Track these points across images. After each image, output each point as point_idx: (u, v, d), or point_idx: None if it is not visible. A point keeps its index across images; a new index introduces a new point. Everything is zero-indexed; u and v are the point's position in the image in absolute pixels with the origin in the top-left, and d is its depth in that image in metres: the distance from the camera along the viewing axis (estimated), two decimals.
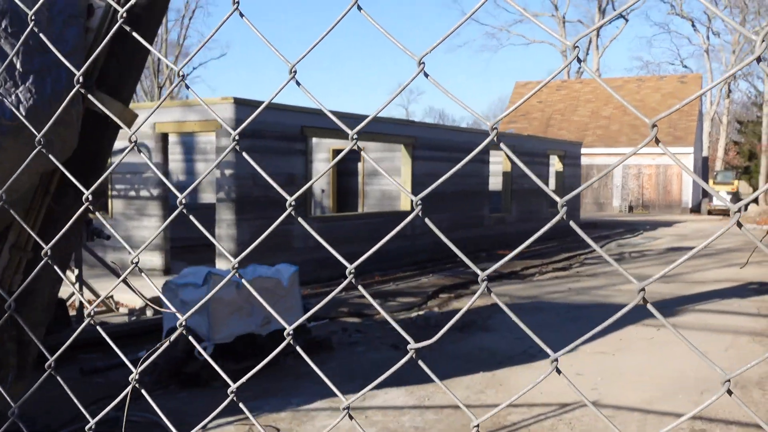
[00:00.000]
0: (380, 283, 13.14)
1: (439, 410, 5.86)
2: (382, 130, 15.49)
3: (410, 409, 5.87)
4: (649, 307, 0.99)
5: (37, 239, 2.28)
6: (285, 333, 1.36)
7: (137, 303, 9.89)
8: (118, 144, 13.31)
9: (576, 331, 9.03)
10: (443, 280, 13.75)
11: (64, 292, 10.29)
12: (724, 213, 36.80)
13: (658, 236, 24.36)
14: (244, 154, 1.46)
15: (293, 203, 1.38)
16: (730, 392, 1.05)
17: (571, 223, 1.11)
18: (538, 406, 6.05)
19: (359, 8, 1.17)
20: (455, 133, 18.47)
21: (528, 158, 21.73)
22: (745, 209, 0.89)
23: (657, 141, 1.02)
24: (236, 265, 1.46)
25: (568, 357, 7.69)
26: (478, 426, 1.29)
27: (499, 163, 22.09)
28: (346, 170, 19.80)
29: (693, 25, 56.61)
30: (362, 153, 1.36)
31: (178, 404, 6.12)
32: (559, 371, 1.18)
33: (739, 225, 0.98)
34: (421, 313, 10.19)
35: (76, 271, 8.62)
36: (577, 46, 1.07)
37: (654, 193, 39.37)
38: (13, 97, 4.94)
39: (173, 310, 2.13)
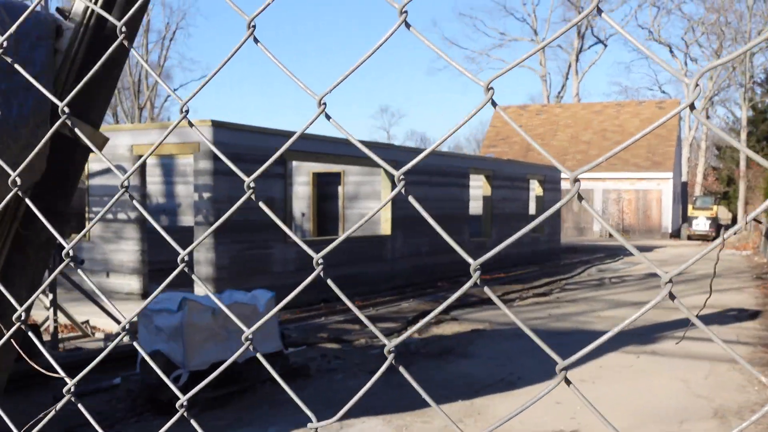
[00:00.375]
0: (360, 309, 13.06)
1: None
2: (362, 154, 15.48)
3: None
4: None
5: None
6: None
7: (113, 328, 9.74)
8: (95, 165, 13.20)
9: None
10: (423, 305, 13.70)
11: (39, 316, 10.12)
12: (704, 238, 37.13)
13: (638, 261, 24.49)
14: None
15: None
16: None
17: (486, 289, 1.07)
18: None
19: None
20: (436, 156, 18.52)
21: (508, 182, 21.83)
22: (734, 234, 0.92)
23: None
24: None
25: (546, 384, 7.65)
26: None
27: (479, 188, 22.16)
28: (326, 194, 19.78)
29: (671, 51, 57.46)
30: (342, 178, 1.32)
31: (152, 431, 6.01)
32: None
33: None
34: (400, 339, 10.12)
35: (51, 296, 8.49)
36: (491, 88, 1.08)
37: (634, 218, 39.69)
38: None
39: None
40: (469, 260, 1.04)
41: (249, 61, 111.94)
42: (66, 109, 2.05)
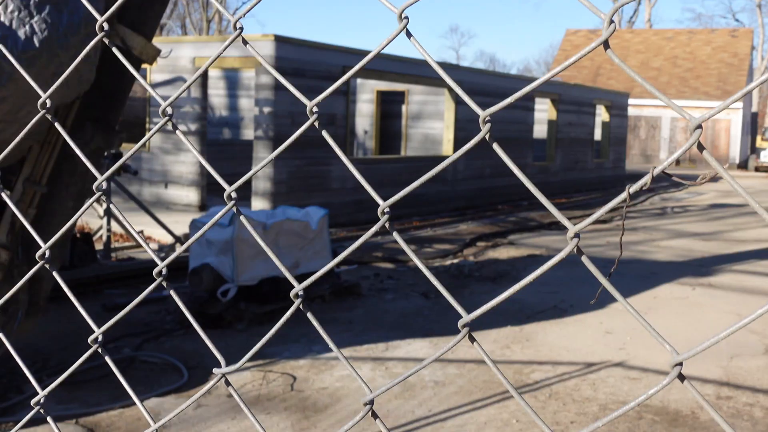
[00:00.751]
0: (417, 229, 12.74)
1: (462, 364, 5.46)
2: (427, 73, 14.83)
3: (431, 363, 5.48)
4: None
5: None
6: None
7: (167, 239, 9.64)
8: (158, 76, 12.96)
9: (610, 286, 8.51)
10: (482, 228, 13.28)
11: (94, 224, 10.09)
12: None
13: (702, 191, 23.37)
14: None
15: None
16: None
17: (395, 234, 0.64)
18: (563, 365, 5.63)
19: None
20: (500, 78, 17.71)
21: (574, 107, 20.83)
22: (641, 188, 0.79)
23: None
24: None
25: (598, 314, 7.22)
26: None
27: (544, 111, 21.23)
28: (389, 113, 19.22)
29: None
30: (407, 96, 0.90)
31: (197, 346, 5.83)
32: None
33: None
34: (455, 261, 9.77)
35: (104, 205, 8.36)
36: (405, 17, 0.66)
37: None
38: (27, 27, 4.51)
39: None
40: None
41: None
42: (105, 25, 1.59)
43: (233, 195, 1.19)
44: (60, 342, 5.83)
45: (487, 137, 0.95)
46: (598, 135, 23.58)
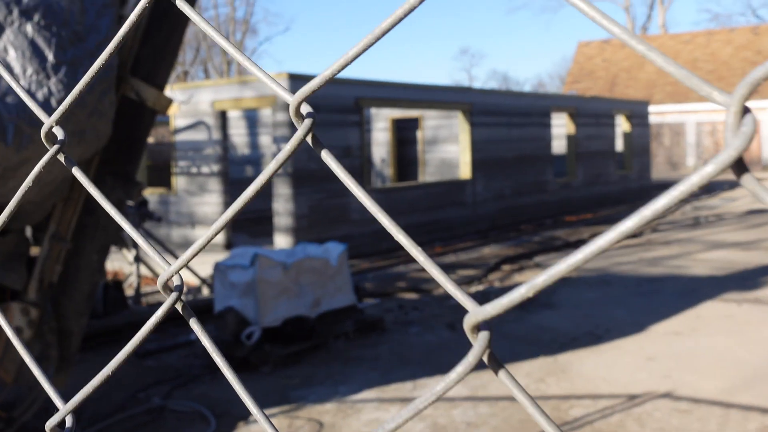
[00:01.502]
0: (440, 255, 12.68)
1: (494, 402, 5.38)
2: (439, 97, 14.89)
3: (462, 401, 5.40)
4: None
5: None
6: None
7: (194, 281, 9.70)
8: (180, 122, 13.16)
9: (645, 306, 8.39)
10: (506, 251, 13.18)
11: (123, 271, 10.20)
12: None
13: (737, 197, 23.04)
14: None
15: None
16: None
17: None
18: (604, 398, 5.49)
19: None
20: (513, 97, 17.71)
21: (592, 120, 20.74)
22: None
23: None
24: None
25: (638, 338, 7.09)
26: None
27: (562, 126, 21.16)
28: (405, 139, 19.29)
29: None
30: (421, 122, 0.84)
31: (225, 392, 5.83)
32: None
33: None
34: (480, 288, 9.69)
35: (134, 251, 8.45)
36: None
37: None
38: (45, 89, 4.64)
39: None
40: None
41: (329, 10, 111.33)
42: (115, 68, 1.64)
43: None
44: (93, 392, 5.87)
45: (308, 139, 0.70)
46: (620, 146, 23.41)
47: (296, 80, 11.64)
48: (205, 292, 9.33)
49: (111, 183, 4.90)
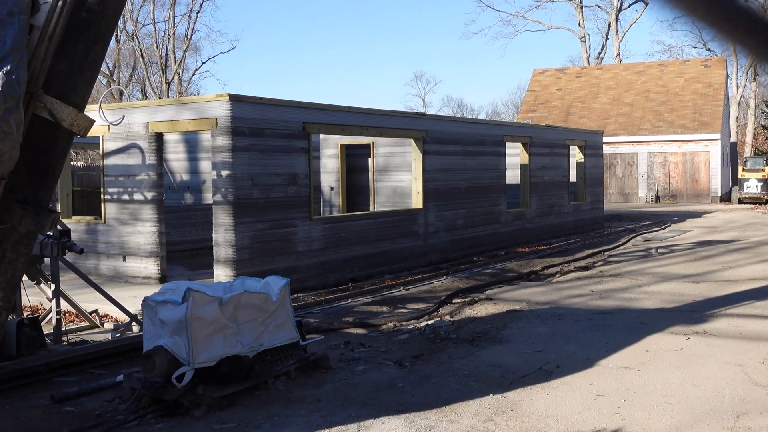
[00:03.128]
0: (390, 288, 12.57)
1: None
2: (392, 124, 14.88)
3: None
4: None
5: None
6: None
7: (123, 318, 9.37)
8: (110, 145, 12.83)
9: (596, 340, 8.39)
10: (457, 283, 13.15)
11: (43, 307, 9.78)
12: (756, 201, 35.78)
13: (687, 228, 23.55)
14: None
15: None
16: None
17: None
18: None
19: None
20: (468, 125, 17.83)
21: (547, 149, 21.01)
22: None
23: None
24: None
25: (588, 374, 7.05)
26: None
27: (516, 155, 21.38)
28: (356, 166, 19.22)
29: None
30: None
31: None
32: None
33: None
34: (431, 322, 9.59)
35: (53, 286, 8.10)
36: None
37: (681, 182, 38.42)
38: None
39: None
40: None
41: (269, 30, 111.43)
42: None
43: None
44: None
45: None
46: (573, 176, 23.76)
47: (238, 102, 11.48)
48: (136, 329, 9.01)
49: (20, 212, 4.62)
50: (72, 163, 21.22)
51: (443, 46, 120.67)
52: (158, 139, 12.53)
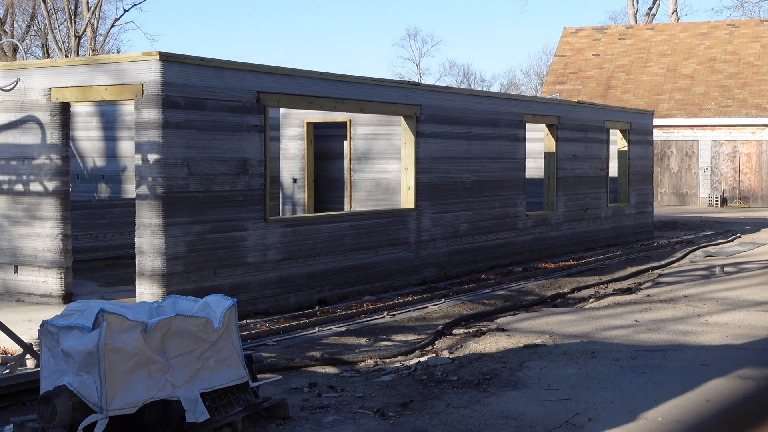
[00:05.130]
0: (370, 313, 12.60)
1: None
2: (376, 96, 14.91)
3: None
4: None
5: None
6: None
7: (14, 347, 9.32)
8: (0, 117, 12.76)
9: (641, 386, 8.45)
10: (460, 308, 13.22)
11: None
12: None
13: (762, 241, 23.78)
14: None
15: None
16: None
17: None
18: None
19: None
20: (477, 99, 17.90)
21: (579, 134, 21.15)
22: None
23: None
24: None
25: (628, 431, 7.09)
26: None
27: (539, 141, 21.51)
28: (327, 152, 19.25)
29: None
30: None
31: None
32: None
33: None
34: (423, 359, 9.63)
35: None
36: None
37: (756, 180, 38.76)
38: None
39: None
40: None
41: None
42: None
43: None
44: None
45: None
46: (614, 170, 23.92)
47: (171, 63, 11.45)
48: (31, 364, 8.96)
49: None
50: None
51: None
52: (64, 110, 12.47)
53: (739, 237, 24.99)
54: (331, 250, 13.88)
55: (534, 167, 21.58)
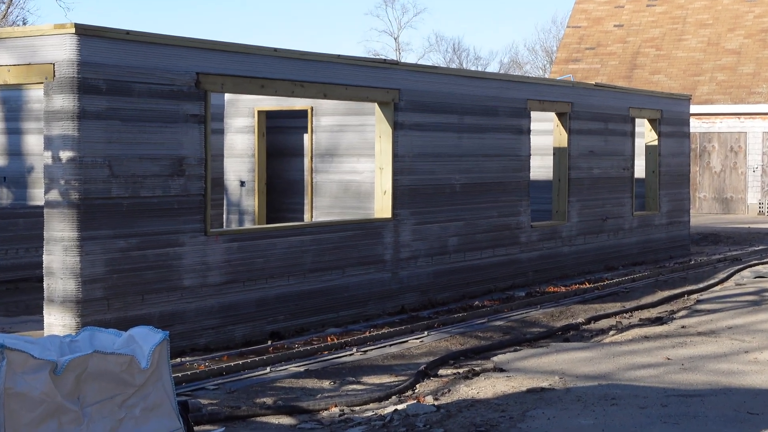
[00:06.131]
0: (336, 349, 12.63)
1: None
2: (344, 78, 14.96)
3: None
4: None
5: None
6: None
7: None
8: None
9: None
10: (447, 342, 13.26)
11: None
12: None
13: None
14: None
15: None
16: None
17: None
18: None
19: None
20: (470, 82, 17.97)
21: (597, 124, 21.26)
22: None
23: None
24: None
25: None
26: None
27: (547, 133, 21.61)
28: (283, 148, 19.29)
29: None
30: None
31: None
32: None
33: None
34: (402, 407, 9.70)
35: None
36: None
37: None
38: None
39: None
40: None
41: None
42: None
43: None
44: None
45: None
46: (641, 169, 24.04)
47: (90, 38, 11.49)
48: None
49: None
50: None
51: None
52: None
53: None
54: (288, 271, 13.90)
55: (541, 166, 21.66)
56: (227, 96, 18.76)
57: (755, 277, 20.46)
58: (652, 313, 15.97)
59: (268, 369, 11.52)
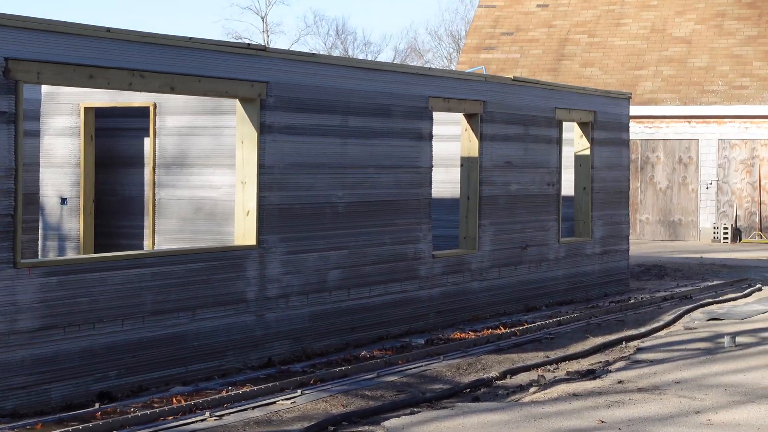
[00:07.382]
0: (184, 413, 12.49)
1: None
2: (197, 68, 14.84)
3: None
4: None
5: None
6: None
7: None
8: None
9: None
10: (327, 403, 13.21)
11: None
12: None
13: None
14: None
15: None
16: None
17: None
18: None
19: None
20: (357, 74, 17.98)
21: (517, 129, 21.41)
22: None
23: None
24: None
25: None
26: None
27: (453, 139, 21.72)
28: (117, 155, 19.10)
29: None
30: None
31: None
32: None
33: None
34: None
35: None
36: None
37: None
38: None
39: None
40: None
41: None
42: None
43: None
44: None
45: None
46: (569, 186, 24.26)
47: None
48: None
49: None
50: None
51: None
52: None
53: (760, 289, 25.59)
54: (122, 314, 13.70)
55: (446, 181, 21.78)
56: (45, 88, 18.52)
57: (708, 320, 20.71)
58: (582, 364, 16.05)
59: None
